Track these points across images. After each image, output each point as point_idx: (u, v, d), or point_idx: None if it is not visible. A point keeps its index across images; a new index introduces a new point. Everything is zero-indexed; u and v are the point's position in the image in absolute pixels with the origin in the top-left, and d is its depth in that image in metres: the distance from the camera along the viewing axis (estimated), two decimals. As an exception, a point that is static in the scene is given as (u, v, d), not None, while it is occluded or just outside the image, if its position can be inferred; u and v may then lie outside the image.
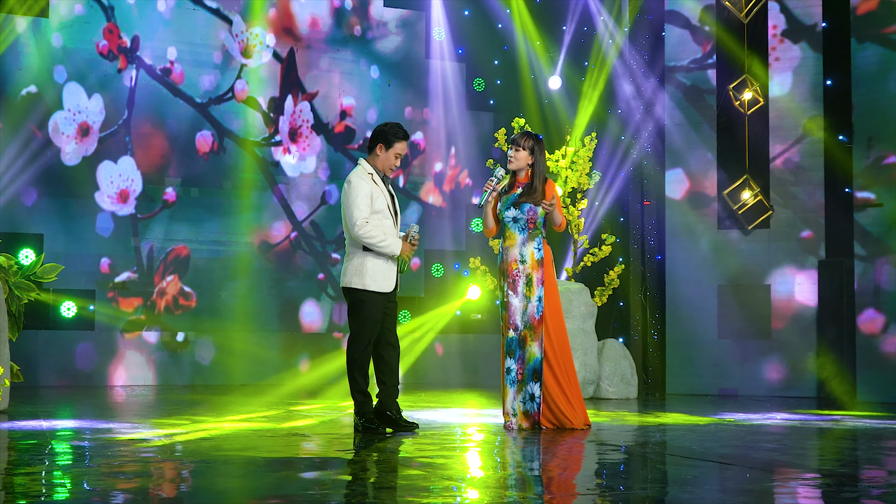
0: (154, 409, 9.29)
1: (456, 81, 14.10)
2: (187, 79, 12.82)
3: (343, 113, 13.53)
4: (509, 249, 7.44)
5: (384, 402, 7.24)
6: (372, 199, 7.10)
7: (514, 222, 7.42)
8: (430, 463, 5.46)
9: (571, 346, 10.48)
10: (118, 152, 12.49)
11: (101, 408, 9.29)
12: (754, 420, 8.31)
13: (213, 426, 7.39)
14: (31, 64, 12.11)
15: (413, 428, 7.21)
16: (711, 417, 8.49)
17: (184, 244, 12.73)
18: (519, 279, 7.37)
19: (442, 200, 14.03)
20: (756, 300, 11.60)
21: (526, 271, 7.38)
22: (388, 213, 7.18)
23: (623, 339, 12.86)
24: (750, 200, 11.57)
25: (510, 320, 7.34)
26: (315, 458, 5.78)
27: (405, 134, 7.24)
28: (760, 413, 9.02)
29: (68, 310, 12.14)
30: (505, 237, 7.47)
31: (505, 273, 7.44)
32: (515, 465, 5.62)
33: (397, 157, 7.18)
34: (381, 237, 7.04)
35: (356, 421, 7.16)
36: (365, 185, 7.10)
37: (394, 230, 7.21)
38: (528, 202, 7.38)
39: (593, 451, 6.22)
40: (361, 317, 7.11)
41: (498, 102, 14.15)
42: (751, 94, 11.59)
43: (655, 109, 12.45)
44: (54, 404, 9.40)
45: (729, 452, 6.12)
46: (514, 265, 7.40)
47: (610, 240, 11.43)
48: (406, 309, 13.61)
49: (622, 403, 10.19)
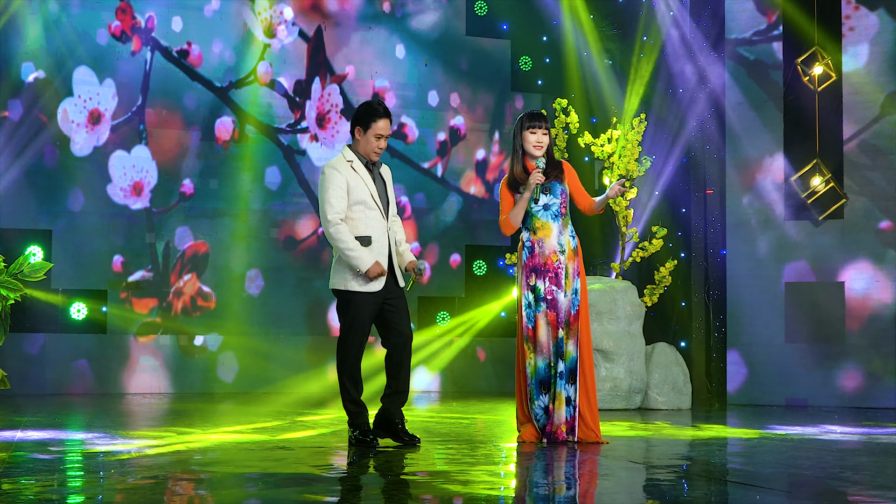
0: (147, 419, 9.22)
1: (500, 60, 13.85)
2: (206, 61, 12.74)
3: (375, 96, 13.34)
4: (545, 241, 7.24)
5: (388, 407, 7.06)
6: (349, 189, 6.91)
7: (546, 210, 7.25)
8: (414, 484, 5.24)
9: (616, 350, 10.24)
10: (132, 141, 12.46)
11: (92, 417, 9.27)
12: (815, 434, 7.96)
13: (197, 439, 7.28)
14: (38, 47, 12.11)
15: (414, 442, 7.02)
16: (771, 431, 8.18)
17: (202, 240, 12.65)
18: (561, 272, 7.20)
19: (485, 191, 13.79)
20: (828, 299, 11.19)
21: (566, 261, 7.21)
22: (374, 203, 6.97)
23: (685, 344, 12.51)
24: (821, 188, 11.17)
25: (559, 318, 7.14)
26: (285, 474, 5.58)
27: (384, 111, 7.03)
28: (822, 426, 8.68)
29: (78, 311, 12.12)
30: (535, 229, 7.25)
31: (542, 269, 7.20)
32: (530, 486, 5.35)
33: (379, 139, 6.97)
34: (350, 245, 6.83)
35: (350, 434, 6.98)
36: (338, 175, 6.92)
37: (382, 222, 6.98)
38: (557, 181, 7.27)
39: (630, 471, 5.93)
40: (347, 319, 6.99)
41: (547, 83, 13.86)
42: (821, 68, 11.18)
43: (714, 87, 12.09)
44: (47, 413, 9.35)
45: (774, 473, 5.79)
46: (553, 257, 7.23)
47: (661, 233, 11.08)
48: (445, 310, 13.39)
49: (673, 415, 9.87)
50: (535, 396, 7.21)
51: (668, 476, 5.65)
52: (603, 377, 10.26)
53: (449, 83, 13.67)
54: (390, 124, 7.02)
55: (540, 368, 7.19)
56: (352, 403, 6.99)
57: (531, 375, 7.22)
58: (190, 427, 8.15)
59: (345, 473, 5.68)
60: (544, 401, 7.20)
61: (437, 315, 13.36)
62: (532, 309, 7.24)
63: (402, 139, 13.46)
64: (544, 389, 7.19)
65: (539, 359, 7.20)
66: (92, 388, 12.03)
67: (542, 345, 7.19)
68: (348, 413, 7.01)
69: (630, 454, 6.74)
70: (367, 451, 6.68)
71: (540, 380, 7.20)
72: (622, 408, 10.32)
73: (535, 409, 7.20)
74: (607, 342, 10.28)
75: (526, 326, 7.25)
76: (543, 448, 6.83)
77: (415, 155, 13.53)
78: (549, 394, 7.18)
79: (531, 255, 7.28)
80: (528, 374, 7.24)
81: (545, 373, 7.18)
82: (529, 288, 7.26)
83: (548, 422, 7.15)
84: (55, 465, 5.81)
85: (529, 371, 7.22)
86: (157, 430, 7.94)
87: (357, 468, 5.92)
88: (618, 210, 11.09)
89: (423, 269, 7.05)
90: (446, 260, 13.61)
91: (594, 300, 10.24)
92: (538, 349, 7.20)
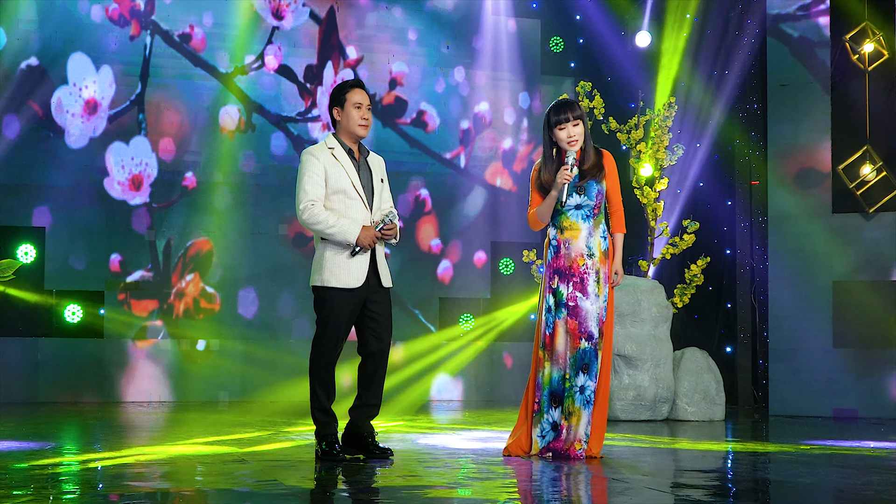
0: (121, 429, 9.18)
1: (529, 42, 13.68)
2: (209, 45, 12.72)
3: (393, 82, 13.28)
4: (572, 242, 7.03)
5: (356, 420, 6.94)
6: (327, 176, 6.82)
7: (577, 209, 7.03)
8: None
9: (640, 355, 10.03)
10: (130, 132, 12.49)
11: (66, 428, 9.25)
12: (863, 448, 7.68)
13: (157, 451, 7.21)
14: (31, 32, 12.14)
15: (386, 455, 6.88)
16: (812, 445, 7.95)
17: (206, 238, 12.62)
18: (588, 277, 6.99)
19: (512, 183, 13.62)
20: (879, 300, 10.90)
21: (595, 266, 7.01)
22: (355, 192, 6.84)
23: (731, 349, 12.25)
24: (871, 177, 10.91)
25: (581, 328, 6.93)
26: (219, 490, 5.45)
27: (356, 81, 7.03)
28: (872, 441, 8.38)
29: (73, 314, 12.15)
30: (562, 228, 7.04)
31: (567, 272, 7.00)
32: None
33: (359, 108, 6.88)
34: (327, 221, 6.74)
35: (316, 446, 6.85)
36: (315, 162, 6.85)
37: (364, 213, 6.85)
38: (594, 180, 7.03)
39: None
40: (322, 318, 6.89)
41: (580, 65, 13.66)
42: (872, 45, 10.92)
43: (756, 67, 11.84)
44: (27, 424, 9.35)
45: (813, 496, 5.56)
46: (580, 261, 7.02)
47: (693, 227, 10.84)
48: (468, 312, 13.23)
49: (703, 427, 9.62)
50: (546, 409, 7.00)
51: (696, 495, 5.42)
52: (625, 385, 10.03)
53: (472, 67, 13.52)
54: (366, 94, 6.93)
55: (554, 379, 6.99)
56: (320, 412, 6.86)
57: (544, 385, 7.01)
58: (159, 439, 8.10)
59: (286, 490, 5.53)
60: (554, 415, 7.00)
61: (459, 317, 13.22)
62: (552, 314, 7.03)
63: (421, 127, 13.34)
64: (555, 403, 6.99)
65: (554, 369, 6.99)
66: (87, 396, 12.03)
67: (558, 354, 6.98)
68: (315, 422, 6.88)
69: (656, 469, 6.52)
70: (333, 465, 6.53)
71: (553, 391, 7.00)
72: (647, 419, 10.09)
73: (543, 424, 6.99)
74: (630, 347, 10.06)
75: (544, 332, 7.04)
76: (551, 463, 6.63)
77: (435, 144, 13.39)
78: (560, 408, 6.98)
79: (556, 255, 7.07)
80: (539, 384, 7.02)
81: (559, 385, 6.99)
82: (551, 291, 7.05)
83: (556, 438, 6.95)
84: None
85: (542, 380, 7.01)
86: (119, 442, 7.88)
87: (307, 482, 5.78)
88: (646, 202, 10.87)
89: (391, 220, 6.82)
90: (470, 258, 13.46)
91: (615, 301, 10.03)
92: (554, 358, 6.99)
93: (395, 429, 9.09)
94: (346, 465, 6.56)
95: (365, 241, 6.75)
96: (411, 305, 13.12)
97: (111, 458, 6.70)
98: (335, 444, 6.82)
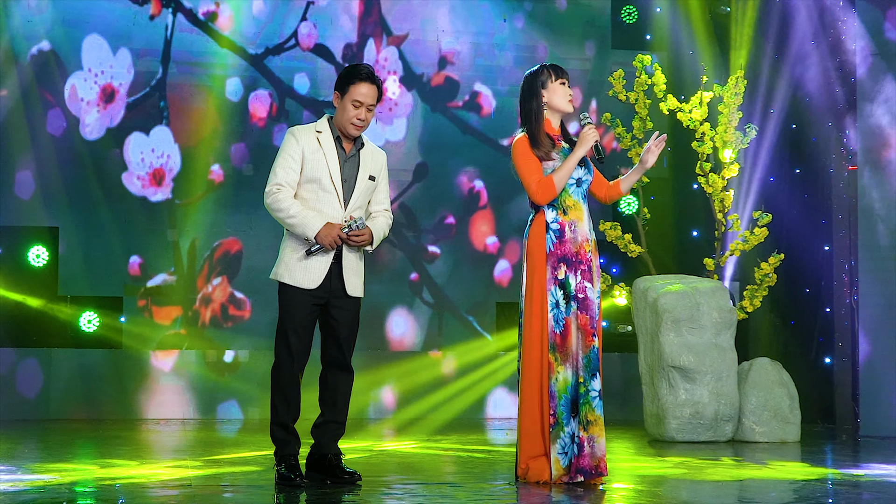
0: (108, 448, 9.23)
1: (597, 12, 13.52)
2: (237, 24, 12.78)
3: (442, 60, 13.21)
4: (578, 225, 6.91)
5: (320, 440, 6.91)
6: (304, 161, 6.75)
7: (577, 186, 6.94)
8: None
9: (698, 367, 9.86)
10: (151, 121, 12.60)
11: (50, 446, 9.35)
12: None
13: (115, 473, 7.29)
14: (42, 14, 12.32)
15: (354, 480, 6.82)
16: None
17: (234, 237, 12.67)
18: (593, 265, 6.88)
19: (579, 171, 13.41)
20: None
21: (595, 252, 6.99)
22: (331, 184, 6.77)
23: (830, 360, 11.90)
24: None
25: (592, 323, 6.79)
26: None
27: (367, 74, 6.87)
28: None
29: (89, 323, 12.29)
30: (566, 207, 6.90)
31: (574, 259, 6.83)
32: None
33: (358, 107, 6.76)
34: (289, 210, 6.73)
35: (275, 469, 6.80)
36: (294, 144, 6.84)
37: (338, 209, 6.78)
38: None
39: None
40: (280, 318, 6.92)
41: (657, 38, 13.41)
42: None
43: (841, 38, 11.53)
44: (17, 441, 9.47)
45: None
46: (586, 247, 6.95)
47: (764, 220, 10.56)
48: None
49: (774, 449, 9.41)
50: (565, 422, 6.80)
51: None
52: (681, 401, 9.82)
53: (532, 42, 13.38)
54: (376, 93, 6.83)
55: (570, 385, 6.80)
56: (279, 428, 6.87)
57: (559, 393, 6.78)
58: (133, 458, 8.13)
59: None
60: (573, 427, 6.79)
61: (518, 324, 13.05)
62: (561, 310, 6.83)
63: (475, 111, 13.24)
64: (573, 412, 6.80)
65: (570, 373, 6.80)
66: (104, 412, 12.15)
67: (572, 355, 6.80)
68: (274, 440, 6.89)
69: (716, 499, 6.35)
70: (292, 491, 6.47)
71: (571, 399, 6.80)
72: (707, 439, 9.88)
73: (564, 438, 6.78)
74: (687, 357, 9.85)
75: (553, 331, 6.83)
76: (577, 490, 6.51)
77: (491, 130, 13.27)
78: (577, 417, 6.78)
79: (560, 240, 6.87)
80: (554, 393, 6.79)
81: (574, 391, 6.79)
82: (558, 283, 6.84)
83: (580, 454, 6.74)
84: None
85: (557, 389, 6.79)
86: (76, 462, 7.96)
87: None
88: (711, 192, 10.62)
89: (357, 226, 6.73)
90: (531, 258, 13.29)
91: (669, 304, 9.84)
92: (567, 360, 6.80)
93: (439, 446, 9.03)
94: (307, 491, 6.50)
95: (325, 239, 6.68)
96: (465, 311, 13.01)
97: (37, 482, 6.75)
98: (294, 465, 6.77)
